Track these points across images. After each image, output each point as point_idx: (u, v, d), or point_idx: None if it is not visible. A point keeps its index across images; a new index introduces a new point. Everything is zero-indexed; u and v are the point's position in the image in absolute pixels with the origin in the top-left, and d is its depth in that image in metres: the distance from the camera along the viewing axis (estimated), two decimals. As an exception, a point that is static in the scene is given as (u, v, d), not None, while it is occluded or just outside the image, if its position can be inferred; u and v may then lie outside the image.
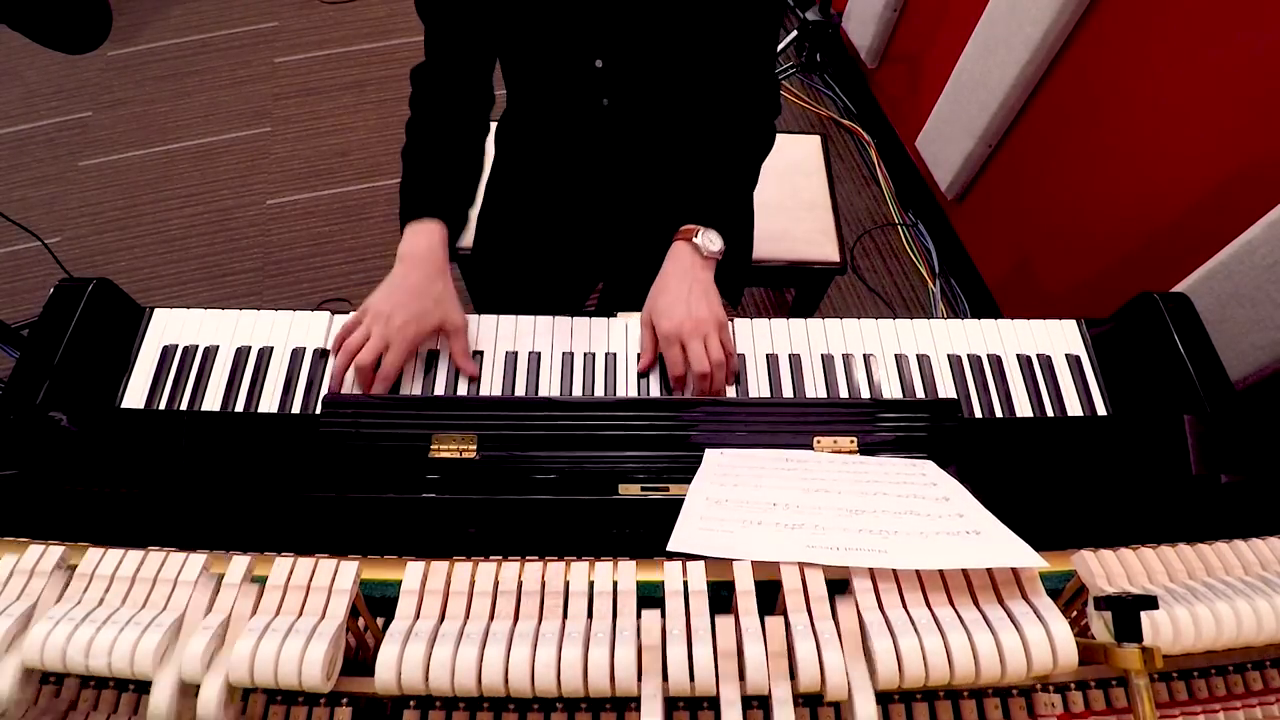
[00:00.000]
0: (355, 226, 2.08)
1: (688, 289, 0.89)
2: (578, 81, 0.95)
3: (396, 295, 0.86)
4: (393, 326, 0.84)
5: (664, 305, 0.88)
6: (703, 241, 0.91)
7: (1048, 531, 0.54)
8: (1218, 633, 0.48)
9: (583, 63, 0.92)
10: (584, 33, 0.90)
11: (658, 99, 0.98)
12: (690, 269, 0.90)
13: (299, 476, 0.76)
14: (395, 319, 0.85)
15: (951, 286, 2.01)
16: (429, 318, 0.86)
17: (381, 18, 2.53)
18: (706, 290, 0.90)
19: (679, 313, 0.87)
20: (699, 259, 0.91)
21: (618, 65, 0.93)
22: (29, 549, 0.50)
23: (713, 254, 0.92)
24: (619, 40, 0.90)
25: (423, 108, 0.98)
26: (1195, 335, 0.89)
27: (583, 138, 1.04)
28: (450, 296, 0.89)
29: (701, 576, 0.48)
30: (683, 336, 0.86)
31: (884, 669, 0.44)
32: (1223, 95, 1.16)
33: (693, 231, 0.92)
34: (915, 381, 0.91)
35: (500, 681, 0.43)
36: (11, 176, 2.18)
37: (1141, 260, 1.38)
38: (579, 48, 0.91)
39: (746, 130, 1.00)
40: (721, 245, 0.92)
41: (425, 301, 0.87)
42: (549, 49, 0.93)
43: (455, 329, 0.88)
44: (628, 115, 0.99)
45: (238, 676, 0.43)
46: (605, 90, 0.96)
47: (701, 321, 0.86)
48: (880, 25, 2.03)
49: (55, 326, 0.85)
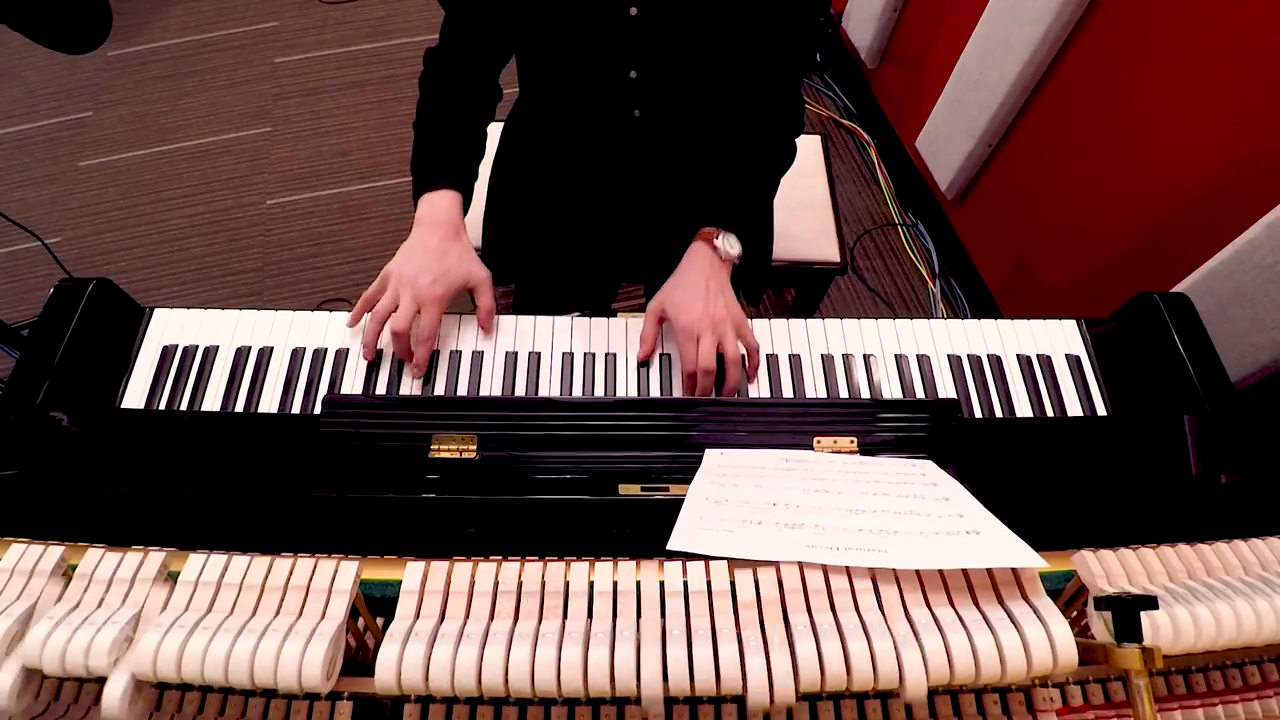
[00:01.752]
0: (355, 226, 2.08)
1: (705, 286, 0.89)
2: (610, 91, 0.95)
3: (419, 258, 0.86)
4: (421, 286, 0.84)
5: (681, 300, 0.88)
6: (722, 244, 0.92)
7: (1048, 531, 0.54)
8: (1218, 633, 0.48)
9: (618, 73, 0.92)
10: (623, 44, 0.90)
11: (688, 111, 0.98)
12: (709, 268, 0.91)
13: (299, 477, 0.76)
14: (422, 279, 0.84)
15: (951, 286, 2.01)
16: (454, 275, 0.87)
17: (381, 18, 2.53)
18: (724, 288, 0.90)
19: (697, 309, 0.87)
20: (717, 259, 0.91)
21: (652, 77, 0.93)
22: (29, 549, 0.50)
23: (731, 257, 0.92)
24: (657, 52, 0.90)
25: (434, 87, 0.98)
26: (1195, 335, 0.89)
27: (607, 145, 1.04)
28: (471, 253, 0.90)
29: (701, 576, 0.49)
30: (698, 332, 0.86)
31: (884, 669, 0.44)
32: (1223, 95, 1.16)
33: (713, 234, 0.92)
34: (915, 382, 0.91)
35: (500, 681, 0.43)
36: (11, 176, 2.18)
37: (1141, 260, 1.38)
38: (616, 58, 0.91)
39: (771, 144, 1.01)
40: (740, 250, 0.93)
41: (448, 260, 0.87)
42: (585, 57, 0.93)
43: (480, 283, 0.89)
44: (657, 126, 0.99)
45: (238, 677, 0.43)
46: (637, 101, 0.96)
47: (719, 319, 0.86)
48: (880, 25, 2.03)
49: (55, 326, 0.85)
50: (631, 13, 0.86)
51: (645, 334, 0.91)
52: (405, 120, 1.00)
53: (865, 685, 0.44)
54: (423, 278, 0.84)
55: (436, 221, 0.89)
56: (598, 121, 1.01)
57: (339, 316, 0.93)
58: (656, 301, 0.91)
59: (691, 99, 0.97)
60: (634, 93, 0.95)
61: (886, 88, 2.17)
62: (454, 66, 0.97)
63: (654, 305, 0.91)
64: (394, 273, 0.86)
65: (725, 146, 1.00)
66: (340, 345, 0.91)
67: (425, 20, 2.50)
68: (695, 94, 0.96)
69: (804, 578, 0.48)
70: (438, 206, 0.90)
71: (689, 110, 0.98)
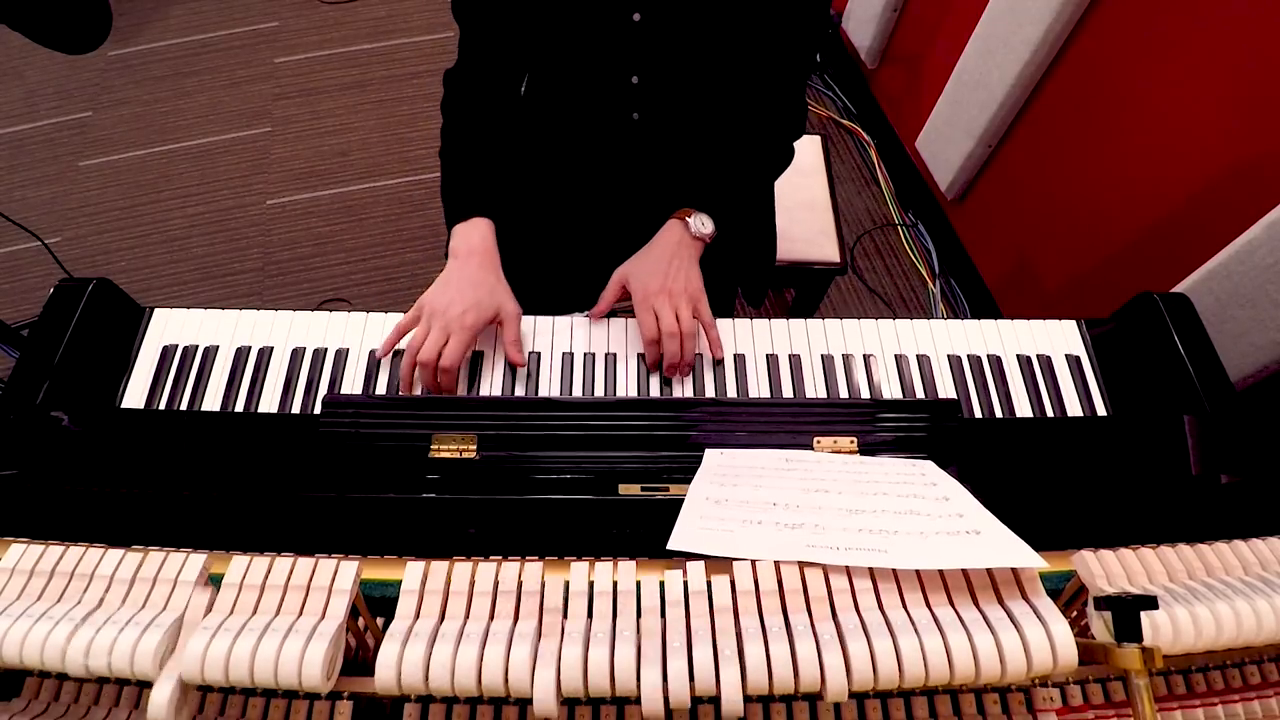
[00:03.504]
0: (355, 226, 2.08)
1: (669, 259, 0.91)
2: (610, 95, 0.96)
3: (453, 289, 0.88)
4: (451, 316, 0.86)
5: (643, 271, 0.91)
6: (695, 223, 0.93)
7: (1048, 531, 0.54)
8: (1218, 633, 0.48)
9: (619, 78, 0.93)
10: (625, 49, 0.90)
11: (688, 114, 0.99)
12: (677, 244, 0.92)
13: (299, 476, 0.76)
14: (453, 309, 0.86)
15: (951, 286, 2.01)
16: (486, 307, 0.88)
17: (381, 18, 2.53)
18: (687, 265, 0.92)
19: (656, 281, 0.89)
20: (688, 236, 0.93)
21: (654, 81, 0.93)
22: (29, 549, 0.50)
23: (702, 235, 0.93)
24: (659, 58, 0.91)
25: (457, 111, 0.99)
26: (1195, 335, 0.89)
27: (605, 147, 1.04)
28: (504, 286, 0.91)
29: (701, 576, 0.49)
30: (654, 302, 0.88)
31: (884, 669, 0.44)
32: (1223, 95, 1.16)
33: (687, 213, 0.94)
34: (915, 382, 0.91)
35: (500, 681, 0.43)
36: (11, 176, 2.18)
37: (1141, 260, 1.38)
38: (618, 63, 0.92)
39: (767, 145, 1.01)
40: (713, 229, 0.94)
41: (480, 291, 0.88)
42: (587, 62, 0.93)
43: (510, 317, 0.90)
44: (655, 129, 1.00)
45: (238, 676, 0.43)
46: (637, 105, 0.97)
47: (675, 292, 0.88)
48: (880, 25, 2.03)
49: (55, 326, 0.85)
50: (635, 18, 0.86)
51: (604, 295, 0.93)
52: (405, 120, 1.00)
53: (865, 685, 0.44)
54: (454, 309, 0.86)
55: (471, 253, 0.91)
56: (596, 124, 1.01)
57: (339, 316, 0.93)
58: (621, 269, 0.93)
59: (691, 103, 0.97)
60: (634, 97, 0.95)
61: (886, 88, 2.17)
62: (475, 86, 0.98)
63: (619, 272, 0.93)
64: (427, 304, 0.88)
65: (721, 145, 1.01)
66: (340, 345, 0.91)
67: (425, 20, 2.50)
68: (695, 98, 0.97)
69: (804, 578, 0.48)
70: (472, 237, 0.92)
71: (688, 114, 0.99)
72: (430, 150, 2.17)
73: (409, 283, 1.98)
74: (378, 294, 1.96)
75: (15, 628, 0.45)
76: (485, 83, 0.98)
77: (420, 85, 2.31)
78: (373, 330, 0.92)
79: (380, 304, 1.94)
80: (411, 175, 2.15)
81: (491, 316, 0.89)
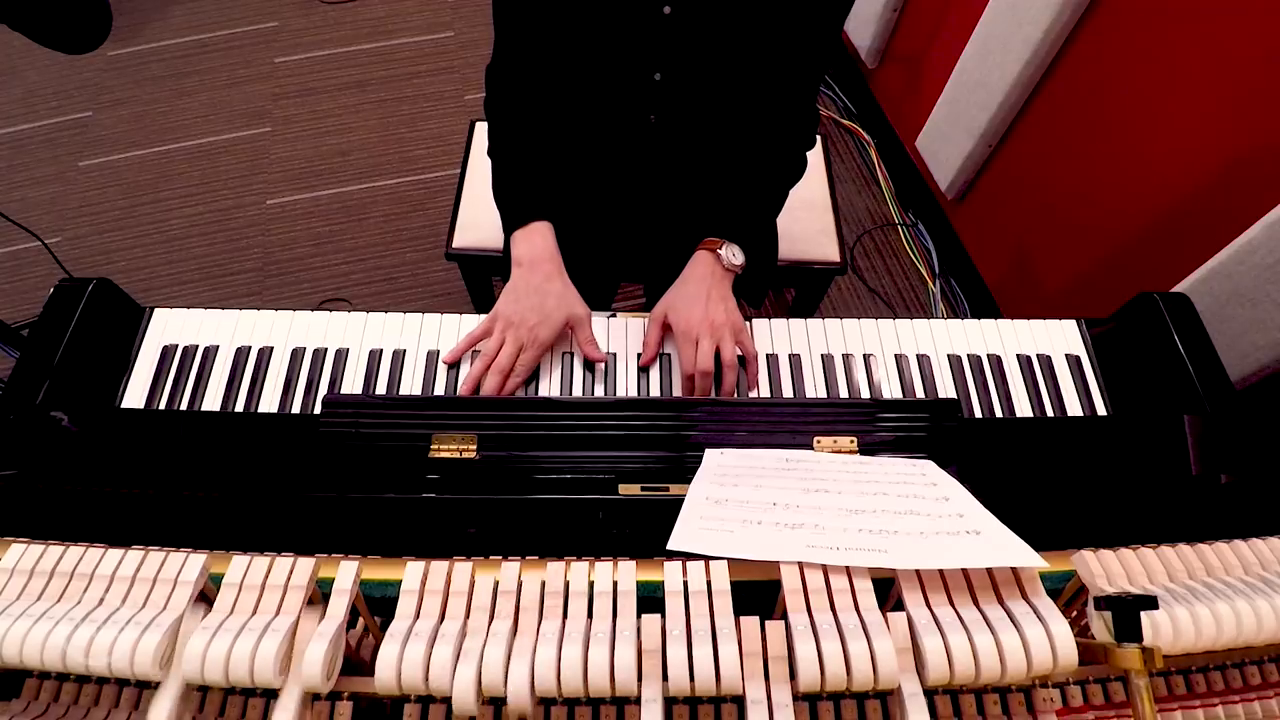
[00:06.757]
0: (355, 226, 2.08)
1: (706, 292, 0.91)
2: (631, 93, 0.96)
3: (524, 300, 0.89)
4: (525, 328, 0.87)
5: (682, 306, 0.90)
6: (726, 254, 0.93)
7: (1048, 531, 0.54)
8: (1218, 633, 0.48)
9: (642, 75, 0.93)
10: (652, 44, 0.90)
11: (704, 118, 0.99)
12: (710, 276, 0.92)
13: (299, 476, 0.76)
14: (527, 322, 0.88)
15: (951, 286, 2.01)
16: (556, 317, 0.89)
17: (381, 18, 2.53)
18: (725, 296, 0.92)
19: (697, 313, 0.89)
20: (720, 268, 0.93)
21: (676, 79, 0.93)
22: (29, 549, 0.50)
23: (734, 267, 0.93)
24: (684, 54, 0.91)
25: (503, 110, 0.99)
26: (1195, 335, 0.89)
27: (619, 147, 1.04)
28: (570, 291, 0.92)
29: (701, 576, 0.48)
30: (697, 335, 0.87)
31: (884, 670, 0.44)
32: (1222, 95, 1.16)
33: (717, 244, 0.94)
34: (915, 381, 0.91)
35: (500, 681, 0.43)
36: (11, 176, 2.18)
37: (1141, 260, 1.38)
38: (643, 59, 0.92)
39: (782, 157, 1.01)
40: (743, 260, 0.94)
41: (549, 300, 0.90)
42: (612, 57, 0.93)
43: (579, 321, 0.91)
44: (671, 131, 0.99)
45: (238, 676, 0.43)
46: (656, 106, 0.96)
47: (718, 324, 0.88)
48: (880, 25, 2.03)
49: (55, 326, 0.85)
50: (665, 11, 0.86)
51: (648, 339, 0.93)
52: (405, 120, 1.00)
53: (865, 685, 0.44)
54: (528, 320, 0.88)
55: (536, 260, 0.92)
56: (613, 124, 1.01)
57: (339, 316, 0.93)
58: (659, 308, 0.93)
59: (710, 105, 0.97)
60: (655, 96, 0.95)
61: (886, 88, 2.17)
62: (519, 83, 0.98)
63: (657, 311, 0.93)
64: (501, 315, 0.89)
65: (737, 157, 1.01)
66: (340, 345, 0.91)
67: (425, 20, 2.50)
68: (714, 100, 0.96)
69: (804, 578, 0.48)
70: (535, 244, 0.93)
71: (705, 117, 0.98)
72: (430, 150, 2.18)
73: (409, 282, 1.98)
74: (378, 294, 1.96)
75: (15, 628, 0.45)
76: (528, 79, 0.98)
77: (420, 85, 2.31)
78: (373, 330, 0.92)
79: (380, 304, 1.94)
80: (411, 175, 2.15)
81: (563, 323, 0.90)
